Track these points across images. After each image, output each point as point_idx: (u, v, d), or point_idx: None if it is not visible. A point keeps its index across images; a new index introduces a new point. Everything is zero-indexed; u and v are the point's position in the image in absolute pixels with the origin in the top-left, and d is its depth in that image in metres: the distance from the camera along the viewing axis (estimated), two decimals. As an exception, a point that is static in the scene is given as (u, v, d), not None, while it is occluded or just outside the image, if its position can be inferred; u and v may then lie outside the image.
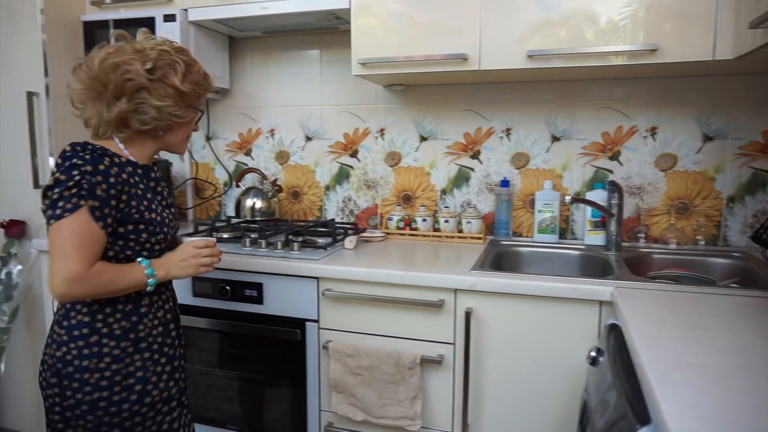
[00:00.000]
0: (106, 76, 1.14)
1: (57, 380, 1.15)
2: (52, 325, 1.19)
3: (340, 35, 2.10)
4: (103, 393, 1.15)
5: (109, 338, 1.16)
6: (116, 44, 1.20)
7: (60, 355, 1.14)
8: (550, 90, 1.93)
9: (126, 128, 1.19)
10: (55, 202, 1.08)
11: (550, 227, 1.91)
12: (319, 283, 1.59)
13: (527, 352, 1.44)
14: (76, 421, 1.15)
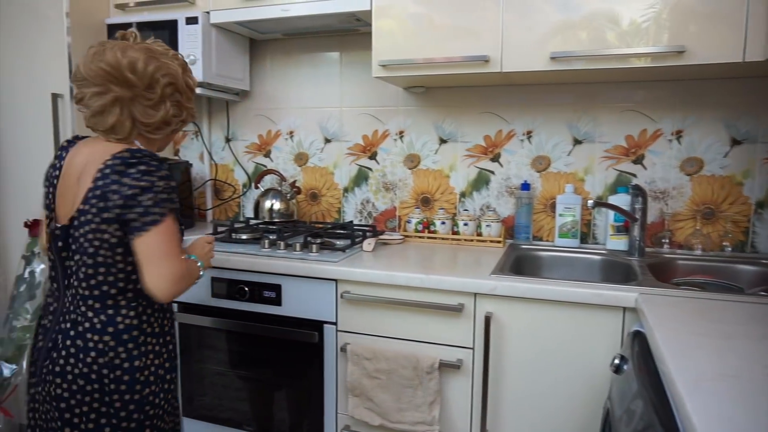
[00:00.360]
0: (152, 78, 1.15)
1: (99, 386, 1.14)
2: (80, 335, 1.15)
3: (360, 37, 2.10)
4: (151, 388, 1.20)
5: (152, 336, 1.22)
6: (139, 44, 1.19)
7: (105, 361, 1.14)
8: (571, 92, 1.90)
9: (159, 131, 1.21)
10: (148, 209, 1.10)
11: (571, 231, 1.88)
12: (338, 285, 1.59)
13: (548, 358, 1.42)
14: (119, 422, 1.17)
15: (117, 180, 1.10)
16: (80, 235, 1.14)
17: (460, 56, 1.64)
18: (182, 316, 1.78)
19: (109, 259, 1.14)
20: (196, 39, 1.93)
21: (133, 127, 1.18)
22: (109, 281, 1.15)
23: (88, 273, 1.15)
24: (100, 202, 1.11)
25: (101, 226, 1.11)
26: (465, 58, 1.63)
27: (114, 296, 1.16)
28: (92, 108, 1.16)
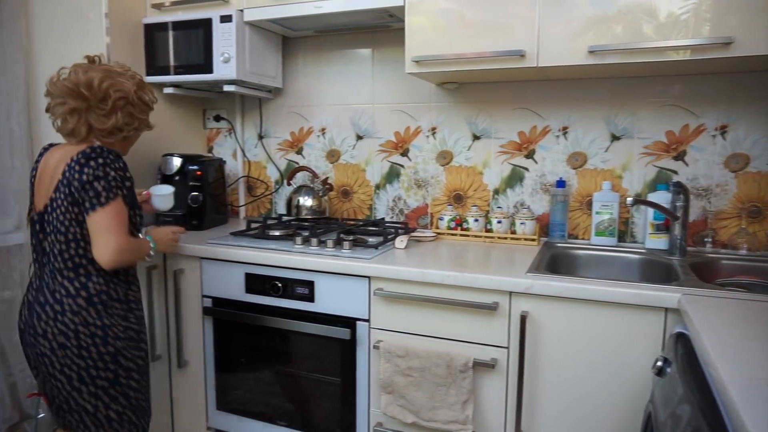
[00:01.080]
0: (105, 93, 1.43)
1: (76, 342, 1.40)
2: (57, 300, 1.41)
3: (392, 33, 2.09)
4: (122, 343, 1.47)
5: (117, 301, 1.48)
6: (99, 66, 1.49)
7: (79, 320, 1.40)
8: (608, 87, 1.85)
9: (112, 136, 1.49)
10: (99, 193, 1.37)
11: (608, 229, 1.84)
12: (371, 282, 1.59)
13: (586, 359, 1.39)
14: (98, 371, 1.43)
15: (79, 170, 1.37)
16: (53, 218, 1.41)
17: (495, 51, 1.61)
18: (216, 311, 1.81)
19: (78, 234, 1.41)
20: (230, 37, 1.94)
21: (90, 132, 1.46)
22: (79, 254, 1.42)
23: (61, 248, 1.42)
24: (66, 189, 1.39)
25: (69, 207, 1.39)
26: (500, 53, 1.61)
27: (84, 266, 1.43)
28: (56, 115, 1.46)
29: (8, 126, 2.04)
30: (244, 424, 1.83)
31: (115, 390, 1.47)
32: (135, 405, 1.52)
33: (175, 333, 1.90)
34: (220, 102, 2.44)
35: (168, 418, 1.98)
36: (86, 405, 1.44)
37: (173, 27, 2.05)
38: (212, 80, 2.02)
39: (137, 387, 1.53)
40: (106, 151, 1.41)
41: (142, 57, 2.11)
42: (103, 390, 1.45)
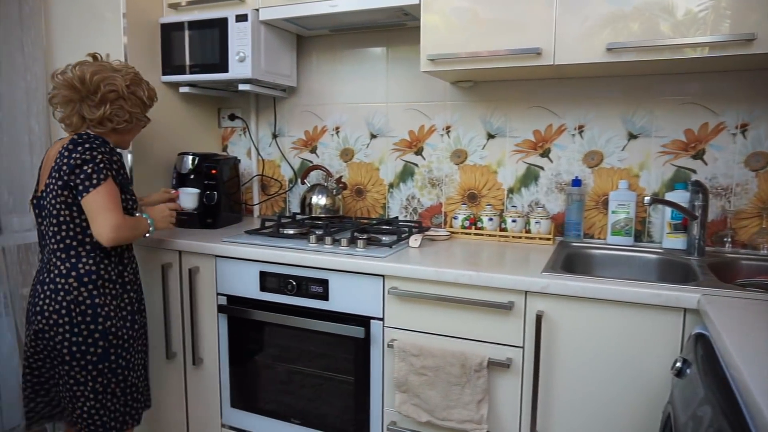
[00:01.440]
0: (96, 86, 1.53)
1: (69, 319, 1.50)
2: (52, 280, 1.51)
3: (407, 32, 2.08)
4: (112, 321, 1.56)
5: (110, 282, 1.57)
6: (96, 62, 1.60)
7: (71, 298, 1.50)
8: (626, 85, 1.83)
9: (102, 126, 1.57)
10: (90, 175, 1.46)
11: (624, 229, 1.82)
12: (385, 281, 1.58)
13: (603, 360, 1.37)
14: (87, 347, 1.52)
15: (68, 155, 1.47)
16: (47, 202, 1.51)
17: (511, 49, 1.60)
18: (231, 309, 1.81)
19: (68, 217, 1.50)
20: (246, 36, 1.95)
21: (82, 122, 1.57)
22: (70, 236, 1.52)
23: (54, 230, 1.52)
24: (56, 173, 1.48)
25: (59, 191, 1.48)
26: (516, 51, 1.60)
27: (75, 247, 1.52)
28: (53, 106, 1.59)
29: (28, 124, 2.07)
30: (258, 421, 1.84)
31: (103, 365, 1.55)
32: (123, 381, 1.60)
33: (190, 331, 1.91)
34: (234, 101, 2.46)
35: (183, 415, 1.99)
36: (78, 377, 1.53)
37: (189, 26, 2.06)
38: (228, 79, 2.03)
39: (126, 365, 1.60)
40: (93, 137, 1.51)
41: (159, 56, 2.12)
42: (92, 365, 1.53)
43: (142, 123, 1.71)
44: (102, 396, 1.56)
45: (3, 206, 2.02)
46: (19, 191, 2.07)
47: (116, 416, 1.60)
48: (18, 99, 2.03)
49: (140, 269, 1.91)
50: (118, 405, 1.60)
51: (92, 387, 1.55)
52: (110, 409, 1.59)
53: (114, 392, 1.59)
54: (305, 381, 1.76)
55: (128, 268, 1.65)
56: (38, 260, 1.65)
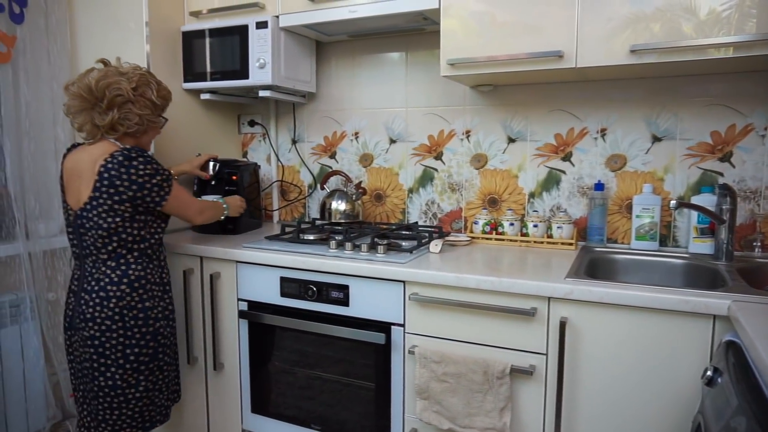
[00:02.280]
0: (101, 92, 1.54)
1: (121, 324, 1.56)
2: (102, 288, 1.55)
3: (426, 36, 2.08)
4: (160, 322, 1.65)
5: (154, 284, 1.64)
6: (103, 68, 1.59)
7: (123, 304, 1.56)
8: (649, 87, 1.80)
9: (114, 131, 1.58)
10: (161, 186, 1.56)
11: (649, 233, 1.79)
12: (406, 286, 1.57)
13: (629, 367, 1.34)
14: (140, 350, 1.59)
15: (124, 172, 1.50)
16: (94, 215, 1.53)
17: (533, 53, 1.59)
18: (252, 315, 1.82)
19: (120, 227, 1.55)
20: (266, 43, 1.97)
21: (96, 129, 1.58)
22: (121, 245, 1.57)
23: (105, 241, 1.55)
24: (110, 189, 1.51)
25: (114, 206, 1.52)
26: (537, 54, 1.58)
27: (125, 255, 1.58)
28: (69, 116, 1.61)
29: (54, 132, 2.11)
30: (279, 427, 1.84)
31: (153, 365, 1.64)
32: (166, 378, 1.70)
33: (211, 336, 1.92)
34: (254, 107, 2.48)
35: (204, 419, 2.00)
36: (130, 380, 1.59)
37: (210, 34, 2.08)
38: (248, 86, 2.05)
39: (169, 361, 1.72)
40: (139, 149, 1.55)
41: (180, 64, 2.15)
42: (144, 365, 1.61)
43: (157, 124, 1.70)
44: (151, 393, 1.65)
45: (29, 213, 2.06)
46: (45, 198, 2.11)
47: (161, 410, 1.71)
48: (44, 107, 2.07)
49: (162, 274, 1.93)
50: (163, 399, 1.71)
51: (144, 386, 1.62)
52: (157, 404, 1.68)
53: (161, 388, 1.69)
54: (325, 387, 1.76)
55: (165, 270, 1.73)
56: (73, 268, 1.68)
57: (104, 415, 1.60)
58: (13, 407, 2.03)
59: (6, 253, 2.00)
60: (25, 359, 2.06)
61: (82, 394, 1.65)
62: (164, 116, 1.72)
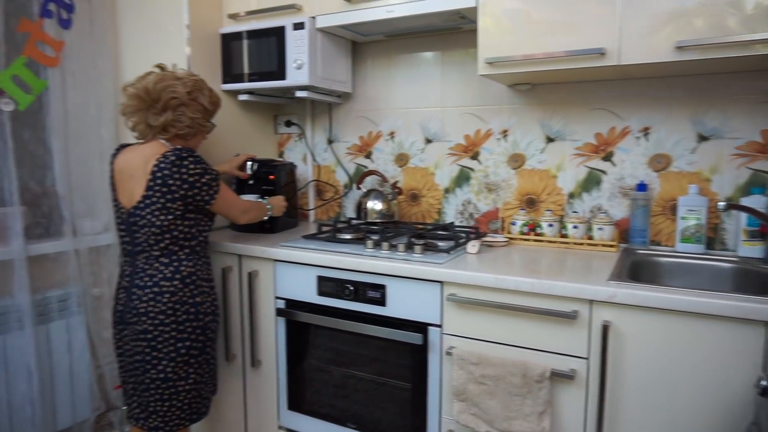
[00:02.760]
0: (158, 94, 1.61)
1: (174, 318, 1.62)
2: (156, 284, 1.61)
3: (463, 35, 2.06)
4: (209, 317, 1.71)
5: (203, 280, 1.70)
6: (160, 72, 1.67)
7: (176, 299, 1.62)
8: (695, 84, 1.74)
9: (166, 132, 1.65)
10: (211, 185, 1.63)
11: (695, 236, 1.73)
12: (443, 287, 1.57)
13: (675, 374, 1.31)
14: (191, 344, 1.65)
15: (176, 171, 1.56)
16: (147, 213, 1.59)
17: (572, 50, 1.55)
18: (289, 313, 1.84)
19: (172, 225, 1.61)
20: (303, 44, 1.98)
21: (148, 130, 1.65)
22: (172, 242, 1.63)
23: (158, 239, 1.61)
24: (163, 188, 1.57)
25: (167, 204, 1.58)
26: (578, 52, 1.55)
27: (176, 252, 1.64)
28: (124, 115, 1.68)
29: (98, 134, 2.17)
30: (315, 425, 1.86)
31: (202, 358, 1.70)
32: (211, 371, 1.77)
33: (249, 333, 1.95)
34: (290, 107, 2.50)
35: (241, 415, 2.04)
36: (180, 373, 1.65)
37: (248, 36, 2.11)
38: (285, 86, 2.07)
39: (214, 354, 1.78)
40: (190, 150, 1.61)
41: (219, 66, 2.19)
42: (194, 358, 1.67)
43: (206, 129, 1.77)
44: (199, 385, 1.71)
45: (76, 211, 2.13)
46: (91, 197, 2.17)
47: (205, 403, 1.77)
48: (90, 110, 2.13)
49: (202, 272, 1.97)
50: (207, 392, 1.77)
51: (194, 378, 1.68)
52: (203, 396, 1.75)
53: (206, 381, 1.75)
54: (360, 385, 1.76)
55: (211, 267, 1.79)
56: (122, 265, 1.73)
57: (155, 406, 1.65)
58: (60, 398, 2.10)
59: (55, 249, 2.07)
60: (72, 352, 2.13)
61: (132, 386, 1.70)
62: (213, 122, 1.79)
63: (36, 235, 2.07)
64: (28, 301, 1.95)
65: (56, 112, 2.02)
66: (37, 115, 2.04)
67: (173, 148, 1.59)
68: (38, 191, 2.09)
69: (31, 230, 2.04)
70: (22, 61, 1.90)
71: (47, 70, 1.98)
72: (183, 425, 1.69)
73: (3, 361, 1.92)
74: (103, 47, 2.16)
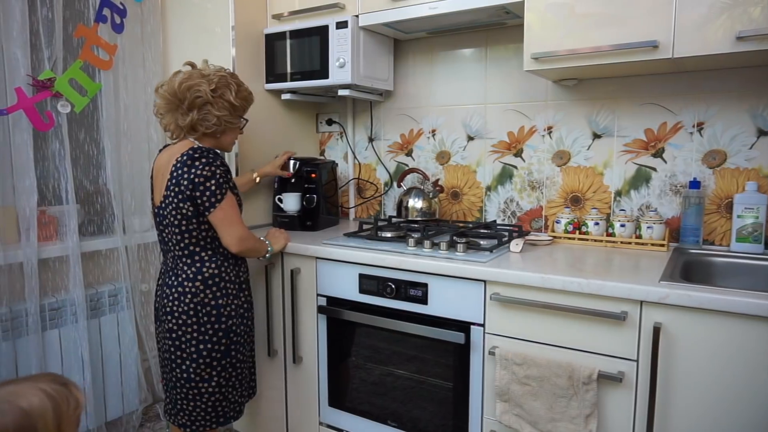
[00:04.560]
0: (183, 94, 1.58)
1: (196, 319, 1.60)
2: (180, 284, 1.61)
3: (507, 31, 2.03)
4: (234, 320, 1.66)
5: (229, 282, 1.66)
6: (188, 71, 1.64)
7: (198, 300, 1.60)
8: (754, 77, 1.66)
9: (194, 131, 1.63)
10: (214, 192, 1.54)
11: (752, 235, 1.65)
12: (487, 286, 1.54)
13: (729, 379, 1.25)
14: (213, 345, 1.62)
15: (187, 170, 1.54)
16: (167, 212, 1.60)
17: (623, 44, 1.51)
18: (331, 310, 1.85)
19: (190, 226, 1.58)
20: (346, 42, 1.99)
21: (179, 130, 1.63)
22: (193, 242, 1.61)
23: (178, 239, 1.61)
24: (175, 188, 1.56)
25: (179, 204, 1.56)
26: (629, 45, 1.50)
27: (198, 253, 1.62)
28: (157, 116, 1.69)
29: (147, 134, 2.24)
30: (356, 422, 1.86)
31: (226, 361, 1.66)
32: (240, 374, 1.73)
33: (290, 330, 1.98)
34: (332, 106, 2.52)
35: (282, 411, 2.06)
36: (203, 375, 1.63)
37: (291, 36, 2.14)
38: (328, 85, 2.08)
39: (242, 359, 1.73)
40: (206, 150, 1.57)
41: (263, 65, 2.22)
42: (216, 361, 1.64)
43: (236, 125, 1.71)
44: (225, 389, 1.68)
45: (126, 209, 2.21)
46: (140, 195, 2.25)
47: (234, 407, 1.73)
48: (140, 110, 2.21)
49: (246, 269, 2.00)
50: (236, 396, 1.73)
51: (217, 381, 1.65)
52: (230, 400, 1.71)
53: (234, 385, 1.71)
54: (401, 384, 1.76)
55: (242, 268, 1.74)
56: (161, 263, 1.76)
57: (182, 404, 1.67)
58: (110, 389, 2.18)
59: (106, 246, 2.15)
60: (121, 345, 2.21)
61: (165, 381, 1.74)
62: (245, 117, 1.75)
63: (89, 232, 2.16)
64: (82, 295, 2.03)
65: (109, 113, 2.10)
66: (92, 117, 2.12)
67: (191, 147, 1.57)
68: (91, 190, 2.17)
69: (84, 227, 2.13)
70: (79, 65, 1.98)
71: (101, 73, 2.06)
72: (209, 426, 1.68)
73: (58, 353, 2.00)
74: (152, 50, 2.23)
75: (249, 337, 1.77)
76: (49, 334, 1.97)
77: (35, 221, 1.88)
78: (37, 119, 1.88)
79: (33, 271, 1.89)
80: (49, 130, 1.94)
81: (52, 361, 1.98)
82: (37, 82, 1.87)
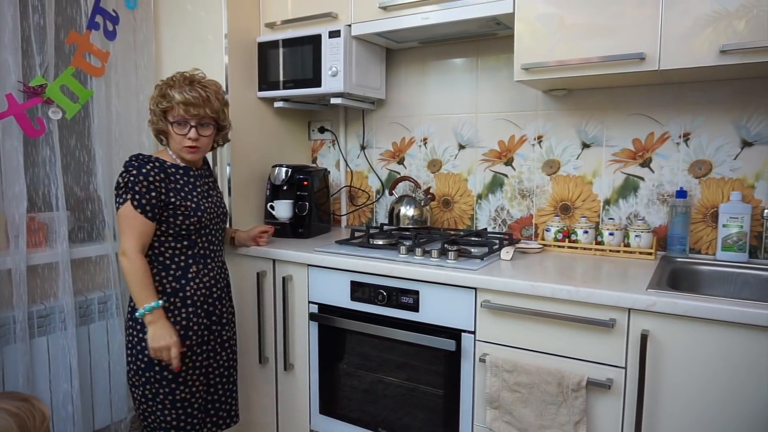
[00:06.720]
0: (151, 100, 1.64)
1: (137, 341, 1.61)
2: None
3: (498, 41, 2.06)
4: None
5: (164, 294, 1.59)
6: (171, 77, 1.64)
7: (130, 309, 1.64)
8: (737, 88, 1.70)
9: (160, 135, 1.70)
10: (118, 194, 1.56)
11: (737, 244, 1.68)
12: (477, 293, 1.56)
13: (716, 387, 1.27)
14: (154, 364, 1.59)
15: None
16: None
17: (610, 56, 1.54)
18: (322, 317, 1.86)
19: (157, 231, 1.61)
20: (338, 51, 2.01)
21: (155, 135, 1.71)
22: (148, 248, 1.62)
23: None
24: None
25: None
26: (616, 57, 1.53)
27: (152, 262, 1.62)
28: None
29: (139, 141, 2.23)
30: (346, 429, 1.86)
31: (149, 374, 1.62)
32: (170, 394, 1.63)
33: (282, 337, 1.98)
34: (324, 114, 2.53)
35: (273, 418, 2.06)
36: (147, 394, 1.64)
37: (284, 44, 2.15)
38: (320, 94, 2.10)
39: (173, 379, 1.63)
40: (140, 156, 1.61)
41: (256, 73, 2.23)
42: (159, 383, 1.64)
43: (169, 131, 1.62)
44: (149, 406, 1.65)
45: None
46: (131, 201, 2.23)
47: None
48: (131, 117, 2.20)
49: (236, 276, 2.01)
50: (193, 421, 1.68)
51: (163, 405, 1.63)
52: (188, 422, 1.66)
53: (163, 403, 1.62)
54: (392, 391, 1.76)
55: (191, 283, 1.63)
56: None
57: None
58: (98, 398, 2.16)
59: (97, 253, 2.14)
60: (111, 353, 2.19)
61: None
62: (172, 121, 1.60)
63: (79, 239, 2.15)
64: (72, 302, 2.02)
65: (100, 120, 2.09)
66: (83, 123, 2.12)
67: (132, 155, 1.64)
68: (82, 196, 2.16)
69: (74, 234, 2.12)
70: (71, 72, 1.97)
71: (93, 80, 2.06)
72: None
73: (46, 361, 1.99)
74: (145, 57, 2.22)
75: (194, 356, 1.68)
76: (37, 342, 1.95)
77: (24, 228, 1.87)
78: (27, 126, 1.87)
79: (21, 277, 1.87)
80: (40, 137, 1.93)
81: (40, 369, 1.97)
82: (28, 88, 1.87)
